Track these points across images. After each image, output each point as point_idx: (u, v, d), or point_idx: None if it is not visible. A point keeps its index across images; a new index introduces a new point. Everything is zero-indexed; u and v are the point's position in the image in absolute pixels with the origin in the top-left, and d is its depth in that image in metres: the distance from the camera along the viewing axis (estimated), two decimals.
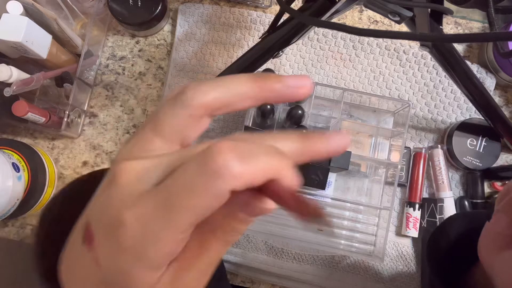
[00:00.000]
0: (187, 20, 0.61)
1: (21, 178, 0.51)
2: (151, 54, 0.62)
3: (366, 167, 0.57)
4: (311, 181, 0.46)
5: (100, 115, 0.61)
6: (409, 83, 0.59)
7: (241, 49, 0.61)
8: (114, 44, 0.62)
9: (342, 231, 0.56)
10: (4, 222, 0.59)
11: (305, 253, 0.56)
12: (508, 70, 0.56)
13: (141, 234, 0.16)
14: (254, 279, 0.57)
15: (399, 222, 0.57)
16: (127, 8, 0.57)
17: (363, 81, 0.60)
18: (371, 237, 0.56)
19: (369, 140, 0.57)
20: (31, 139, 0.61)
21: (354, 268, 0.56)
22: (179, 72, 0.60)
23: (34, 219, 0.59)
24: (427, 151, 0.57)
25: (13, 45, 0.49)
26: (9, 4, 0.48)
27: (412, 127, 0.59)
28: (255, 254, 0.56)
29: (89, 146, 0.60)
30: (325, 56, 0.60)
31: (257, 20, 0.61)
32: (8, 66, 0.50)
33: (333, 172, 0.55)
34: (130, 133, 0.60)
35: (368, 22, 0.62)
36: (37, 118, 0.54)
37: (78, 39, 0.58)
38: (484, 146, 0.56)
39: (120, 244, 0.16)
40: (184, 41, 0.61)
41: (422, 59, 0.59)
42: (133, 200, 0.17)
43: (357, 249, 0.55)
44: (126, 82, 0.61)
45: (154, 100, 0.61)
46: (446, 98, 0.59)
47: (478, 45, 0.61)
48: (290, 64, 0.60)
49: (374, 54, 0.60)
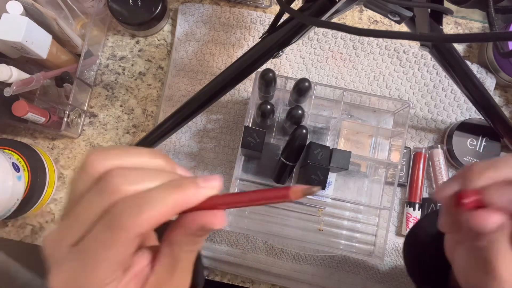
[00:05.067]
0: (187, 20, 0.61)
1: (21, 178, 0.51)
2: (151, 54, 0.62)
3: (366, 167, 0.57)
4: (311, 181, 0.46)
5: (100, 115, 0.61)
6: (409, 83, 0.59)
7: (241, 49, 0.61)
8: (114, 44, 0.62)
9: (342, 231, 0.56)
10: (4, 222, 0.59)
11: (305, 253, 0.56)
12: (508, 70, 0.56)
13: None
14: (254, 279, 0.57)
15: (399, 222, 0.57)
16: (127, 8, 0.57)
17: (363, 81, 0.60)
18: (371, 237, 0.56)
19: (369, 140, 0.57)
20: (31, 139, 0.61)
21: (354, 268, 0.56)
22: (179, 72, 0.60)
23: (34, 219, 0.59)
24: (427, 151, 0.57)
25: (13, 45, 0.49)
26: (9, 4, 0.48)
27: (412, 127, 0.59)
28: (255, 254, 0.56)
29: (89, 146, 0.60)
30: (325, 56, 0.60)
31: (257, 20, 0.61)
32: (8, 66, 0.50)
33: (333, 172, 0.55)
34: (130, 133, 0.60)
35: (368, 22, 0.62)
36: (37, 118, 0.54)
37: (78, 39, 0.58)
38: (484, 146, 0.56)
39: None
40: (184, 41, 0.61)
41: (422, 59, 0.59)
42: (55, 266, 0.20)
43: (357, 249, 0.55)
44: (126, 82, 0.61)
45: (154, 100, 0.61)
46: (446, 98, 0.59)
47: (478, 45, 0.61)
48: (290, 64, 0.60)
49: (374, 54, 0.60)
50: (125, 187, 0.19)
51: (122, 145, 0.61)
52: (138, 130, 0.60)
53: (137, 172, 0.20)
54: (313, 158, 0.46)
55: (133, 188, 0.19)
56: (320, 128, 0.57)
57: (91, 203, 0.19)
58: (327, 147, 0.47)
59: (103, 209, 0.19)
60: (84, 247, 0.19)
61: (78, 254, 0.19)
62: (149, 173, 0.20)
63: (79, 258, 0.19)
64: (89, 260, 0.19)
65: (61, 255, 0.20)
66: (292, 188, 0.20)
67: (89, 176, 0.20)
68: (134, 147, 0.22)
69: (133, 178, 0.19)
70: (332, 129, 0.56)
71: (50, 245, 0.20)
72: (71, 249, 0.19)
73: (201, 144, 0.59)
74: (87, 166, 0.20)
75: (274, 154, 0.56)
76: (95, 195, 0.19)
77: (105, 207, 0.19)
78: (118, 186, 0.19)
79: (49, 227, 0.59)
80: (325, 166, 0.47)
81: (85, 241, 0.19)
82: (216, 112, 0.60)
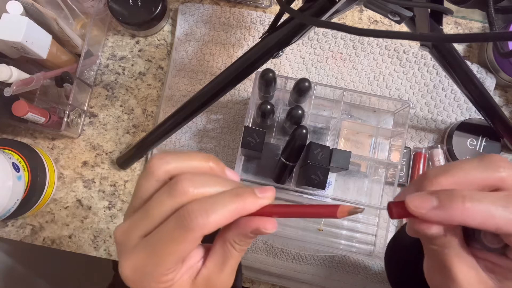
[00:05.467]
0: (187, 20, 0.61)
1: (21, 178, 0.51)
2: (151, 54, 0.62)
3: (366, 167, 0.57)
4: (311, 181, 0.46)
5: (100, 115, 0.61)
6: (409, 83, 0.59)
7: (241, 49, 0.61)
8: (114, 44, 0.62)
9: (342, 231, 0.56)
10: (4, 222, 0.59)
11: (305, 253, 0.56)
12: (508, 70, 0.56)
13: (139, 280, 0.23)
14: (254, 279, 0.57)
15: (399, 222, 0.57)
16: (127, 8, 0.57)
17: (363, 81, 0.60)
18: (371, 237, 0.56)
19: (369, 140, 0.57)
20: (31, 139, 0.61)
21: (354, 268, 0.56)
22: (179, 72, 0.60)
23: (34, 219, 0.59)
24: (427, 151, 0.57)
25: (13, 45, 0.49)
26: (9, 4, 0.48)
27: (412, 127, 0.59)
28: (255, 254, 0.56)
29: (89, 146, 0.60)
30: (325, 56, 0.60)
31: (257, 20, 0.61)
32: (8, 66, 0.50)
33: (333, 172, 0.55)
34: (130, 133, 0.60)
35: (368, 22, 0.62)
36: (37, 118, 0.54)
37: (78, 39, 0.58)
38: (484, 146, 0.56)
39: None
40: (184, 41, 0.61)
41: (422, 59, 0.59)
42: (125, 253, 0.23)
43: (357, 249, 0.55)
44: (126, 82, 0.61)
45: (154, 100, 0.61)
46: (446, 98, 0.59)
47: (478, 45, 0.61)
48: (290, 64, 0.60)
49: (374, 54, 0.60)
50: (192, 190, 0.22)
51: (182, 150, 0.62)
52: (138, 130, 0.60)
53: (201, 177, 0.23)
54: (313, 158, 0.46)
55: (199, 191, 0.23)
56: (320, 128, 0.57)
57: (163, 203, 0.22)
58: (327, 147, 0.47)
59: (173, 208, 0.22)
60: (154, 239, 0.22)
61: (148, 245, 0.22)
62: (211, 179, 0.24)
63: (149, 249, 0.22)
64: (158, 251, 0.22)
65: (131, 244, 0.23)
66: (340, 208, 0.23)
67: (153, 178, 0.23)
68: (190, 151, 0.25)
69: (198, 183, 0.23)
70: (332, 129, 0.56)
71: (121, 234, 0.23)
72: (141, 240, 0.23)
73: (201, 144, 0.59)
74: (151, 169, 0.23)
75: (274, 154, 0.56)
76: (167, 195, 0.22)
77: (175, 207, 0.22)
78: (186, 189, 0.22)
79: (49, 227, 0.59)
80: (325, 166, 0.47)
81: (156, 234, 0.22)
82: (216, 112, 0.60)
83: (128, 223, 0.23)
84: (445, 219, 0.21)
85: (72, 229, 0.59)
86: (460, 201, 0.20)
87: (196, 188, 0.22)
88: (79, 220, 0.59)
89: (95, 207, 0.59)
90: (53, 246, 0.59)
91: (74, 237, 0.59)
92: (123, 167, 0.59)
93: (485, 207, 0.20)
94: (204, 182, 0.23)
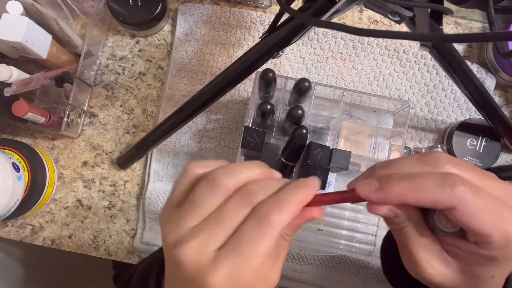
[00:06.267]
0: (187, 20, 0.61)
1: (21, 178, 0.51)
2: (151, 54, 0.62)
3: (366, 167, 0.57)
4: None
5: (100, 115, 0.61)
6: (409, 83, 0.59)
7: (241, 49, 0.61)
8: (114, 44, 0.62)
9: (342, 231, 0.56)
10: (4, 222, 0.59)
11: (305, 253, 0.56)
12: (508, 70, 0.56)
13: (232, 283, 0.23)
14: None
15: None
16: (127, 8, 0.57)
17: (363, 81, 0.60)
18: (371, 237, 0.56)
19: (369, 140, 0.57)
20: (31, 139, 0.61)
21: (354, 268, 0.56)
22: (179, 72, 0.60)
23: (34, 219, 0.59)
24: (427, 151, 0.57)
25: (13, 45, 0.49)
26: (9, 4, 0.48)
27: (412, 127, 0.59)
28: None
29: (89, 146, 0.60)
30: (325, 56, 0.60)
31: (257, 20, 0.61)
32: (8, 66, 0.50)
33: (333, 172, 0.55)
34: (130, 133, 0.60)
35: (368, 22, 0.62)
36: (37, 118, 0.54)
37: (78, 39, 0.58)
38: (484, 146, 0.56)
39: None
40: (184, 41, 0.61)
41: (422, 59, 0.59)
42: (207, 268, 0.23)
43: (357, 249, 0.55)
44: (126, 82, 0.61)
45: (154, 100, 0.61)
46: (446, 98, 0.59)
47: (478, 45, 0.61)
48: (290, 64, 0.60)
49: (374, 54, 0.60)
50: (260, 193, 0.25)
51: (242, 162, 0.63)
52: (138, 130, 0.60)
53: (265, 182, 0.26)
54: (313, 158, 0.46)
55: (266, 194, 0.25)
56: (320, 128, 0.57)
57: (238, 210, 0.24)
58: (327, 147, 0.47)
59: (247, 213, 0.24)
60: (235, 246, 0.23)
61: (231, 252, 0.23)
62: (270, 181, 0.26)
63: (234, 255, 0.23)
64: (244, 254, 0.23)
65: (209, 259, 0.23)
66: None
67: (222, 192, 0.25)
68: (242, 162, 0.27)
69: (264, 187, 0.25)
70: (332, 129, 0.56)
71: (193, 255, 0.24)
72: (218, 252, 0.23)
73: (201, 144, 0.59)
74: (219, 184, 0.25)
75: (274, 154, 0.56)
76: (242, 203, 0.24)
77: (248, 212, 0.24)
78: (255, 193, 0.24)
79: (49, 227, 0.59)
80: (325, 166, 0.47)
81: (235, 240, 0.23)
82: (216, 112, 0.60)
83: (197, 242, 0.24)
84: (386, 199, 0.24)
85: (72, 229, 0.59)
86: (396, 181, 0.23)
87: (264, 191, 0.25)
88: (79, 220, 0.59)
89: (95, 207, 0.59)
90: (53, 246, 0.59)
91: (74, 237, 0.59)
92: (123, 167, 0.59)
93: (418, 184, 0.22)
94: (268, 185, 0.25)
